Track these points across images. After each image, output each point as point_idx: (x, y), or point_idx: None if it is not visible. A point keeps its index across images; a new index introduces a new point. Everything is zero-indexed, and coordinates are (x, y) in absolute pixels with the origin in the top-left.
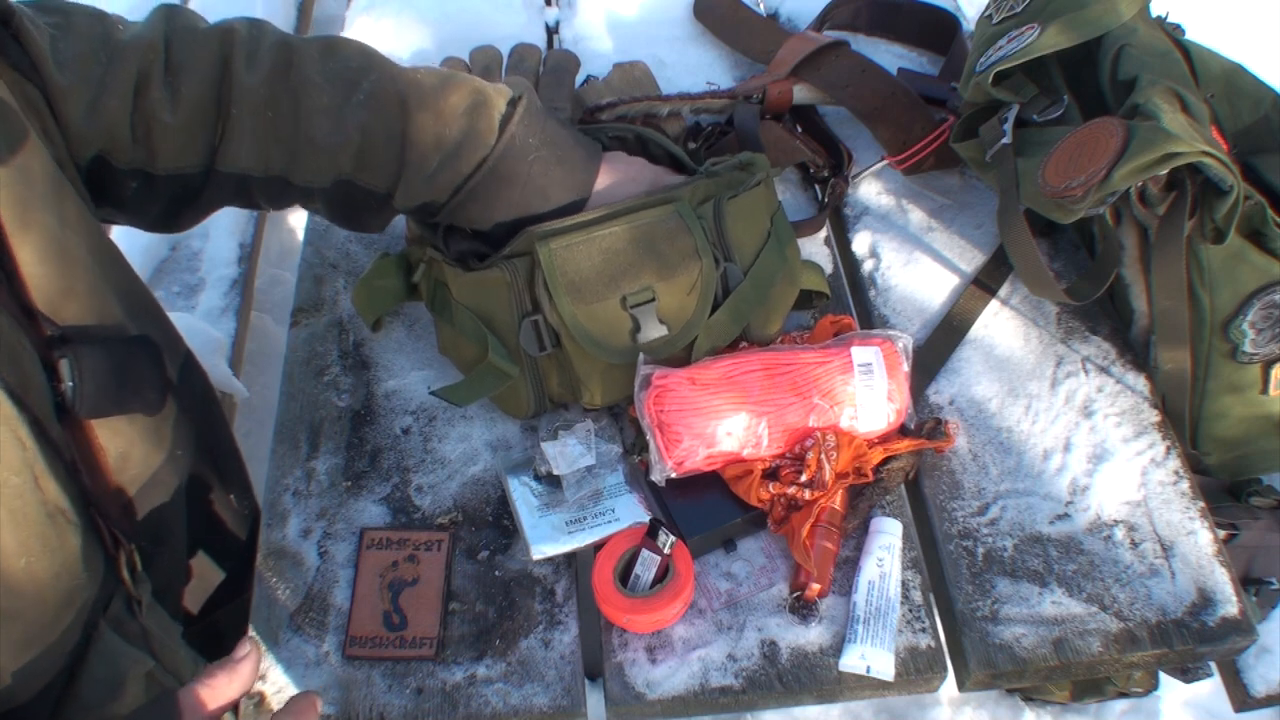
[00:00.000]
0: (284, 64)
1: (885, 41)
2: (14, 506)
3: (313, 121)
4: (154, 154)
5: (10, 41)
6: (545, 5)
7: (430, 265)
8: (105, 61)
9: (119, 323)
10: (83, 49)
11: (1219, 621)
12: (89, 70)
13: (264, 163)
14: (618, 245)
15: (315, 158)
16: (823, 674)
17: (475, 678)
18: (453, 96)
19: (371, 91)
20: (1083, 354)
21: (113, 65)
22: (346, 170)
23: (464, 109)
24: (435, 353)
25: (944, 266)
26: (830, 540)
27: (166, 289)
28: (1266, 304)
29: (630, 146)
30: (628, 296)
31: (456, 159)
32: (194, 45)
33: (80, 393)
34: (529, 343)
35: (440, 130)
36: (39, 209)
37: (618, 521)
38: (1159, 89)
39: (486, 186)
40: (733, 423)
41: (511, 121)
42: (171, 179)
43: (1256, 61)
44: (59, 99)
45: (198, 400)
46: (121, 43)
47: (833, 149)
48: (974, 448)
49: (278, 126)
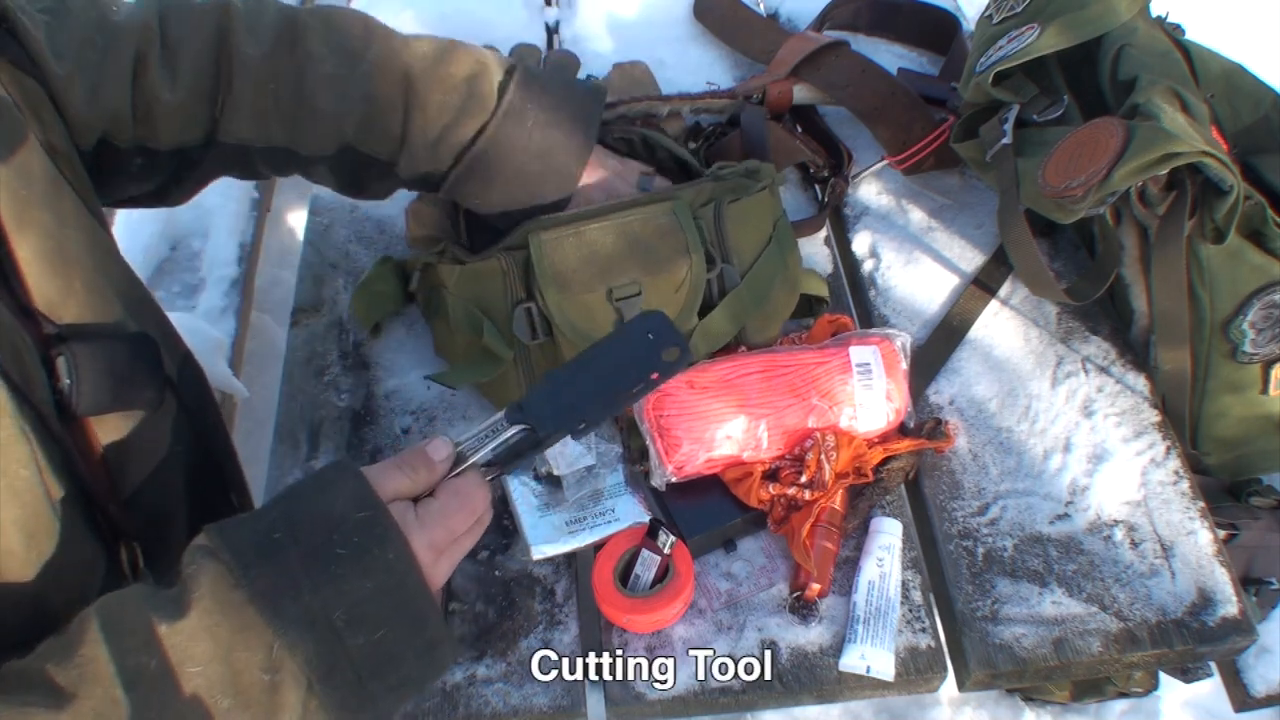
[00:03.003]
0: (288, 36)
1: (885, 41)
2: (24, 500)
3: (317, 92)
4: (156, 131)
5: (5, 37)
6: (545, 5)
7: (425, 271)
8: (102, 46)
9: (118, 320)
10: (78, 35)
11: (1219, 621)
12: (86, 56)
13: (265, 133)
14: (608, 239)
15: (320, 126)
16: (823, 674)
17: (475, 678)
18: (454, 65)
19: (375, 61)
20: (1083, 354)
21: (109, 49)
22: (350, 138)
23: (464, 77)
24: (435, 353)
25: (944, 266)
26: (830, 540)
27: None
28: (1266, 304)
29: (636, 150)
30: (614, 289)
31: (457, 126)
32: (190, 21)
33: (78, 390)
34: (521, 329)
35: (442, 99)
36: (37, 207)
37: (617, 521)
38: (1159, 89)
39: (486, 153)
40: (732, 426)
41: (509, 90)
42: (174, 153)
43: (1256, 61)
44: (60, 89)
45: (196, 399)
46: (116, 24)
47: (833, 149)
48: (974, 448)
49: (280, 98)
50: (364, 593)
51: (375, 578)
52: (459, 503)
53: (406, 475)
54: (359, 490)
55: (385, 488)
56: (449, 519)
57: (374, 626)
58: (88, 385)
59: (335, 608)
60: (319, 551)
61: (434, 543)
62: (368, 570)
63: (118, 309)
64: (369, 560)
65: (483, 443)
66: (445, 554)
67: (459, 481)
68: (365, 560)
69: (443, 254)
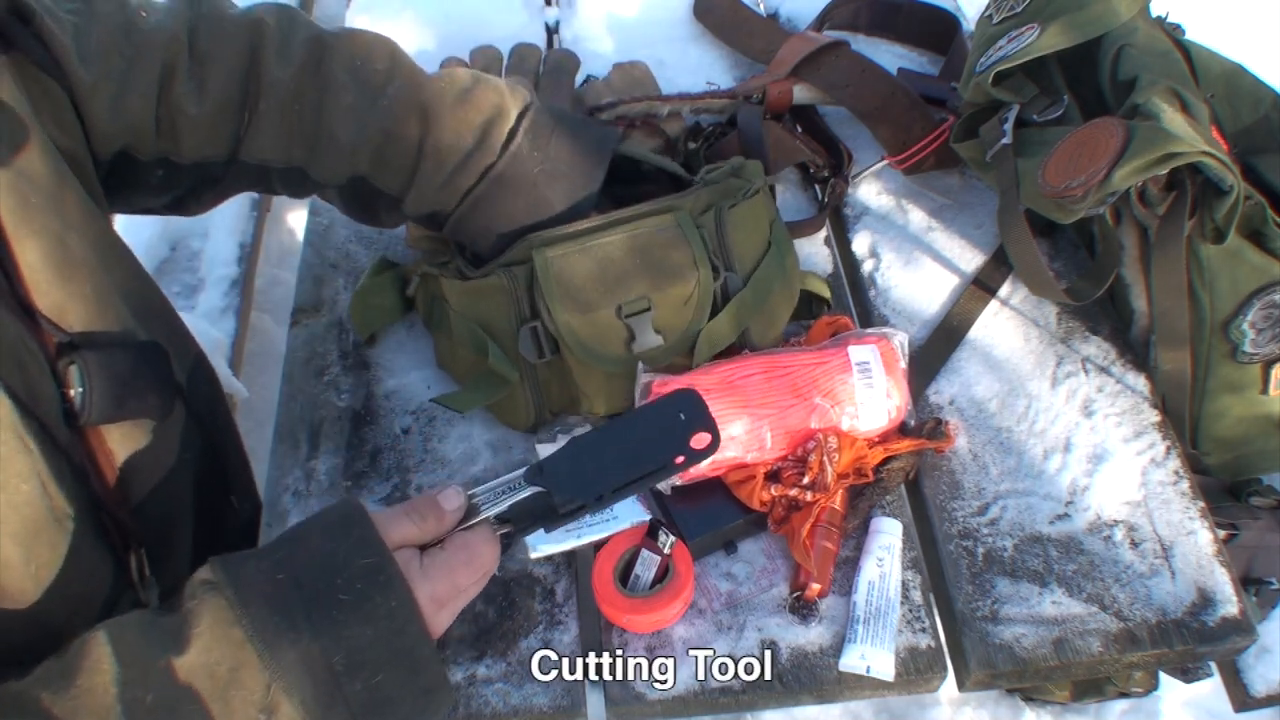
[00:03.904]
0: (315, 59)
1: (885, 41)
2: (25, 514)
3: (335, 119)
4: (179, 144)
5: (31, 39)
6: (545, 5)
7: (425, 280)
8: (129, 55)
9: (126, 326)
10: (105, 41)
11: (1219, 621)
12: (112, 64)
13: (286, 154)
14: (614, 254)
15: (335, 154)
16: (823, 674)
17: (475, 678)
18: (472, 109)
19: (395, 97)
20: (1083, 354)
21: (136, 59)
22: (363, 170)
23: (480, 123)
24: (436, 364)
25: (944, 266)
26: (830, 540)
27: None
28: (1266, 304)
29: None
30: (623, 306)
31: (465, 169)
32: (222, 35)
33: (89, 400)
34: (527, 349)
35: (455, 143)
36: (41, 211)
37: (617, 522)
38: (1159, 89)
39: (490, 193)
40: (735, 427)
41: (518, 134)
42: (195, 167)
43: (1256, 61)
44: (84, 96)
45: (206, 403)
46: (144, 33)
47: (833, 149)
48: (974, 448)
49: (302, 120)
50: (364, 639)
51: (376, 625)
52: (466, 556)
53: (415, 523)
54: (365, 536)
55: (393, 535)
56: (454, 572)
57: (372, 672)
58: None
59: (335, 653)
60: (321, 596)
61: (436, 595)
62: (369, 617)
63: (125, 315)
64: (370, 608)
65: (497, 498)
66: (447, 606)
67: (469, 535)
68: (367, 608)
69: (445, 265)
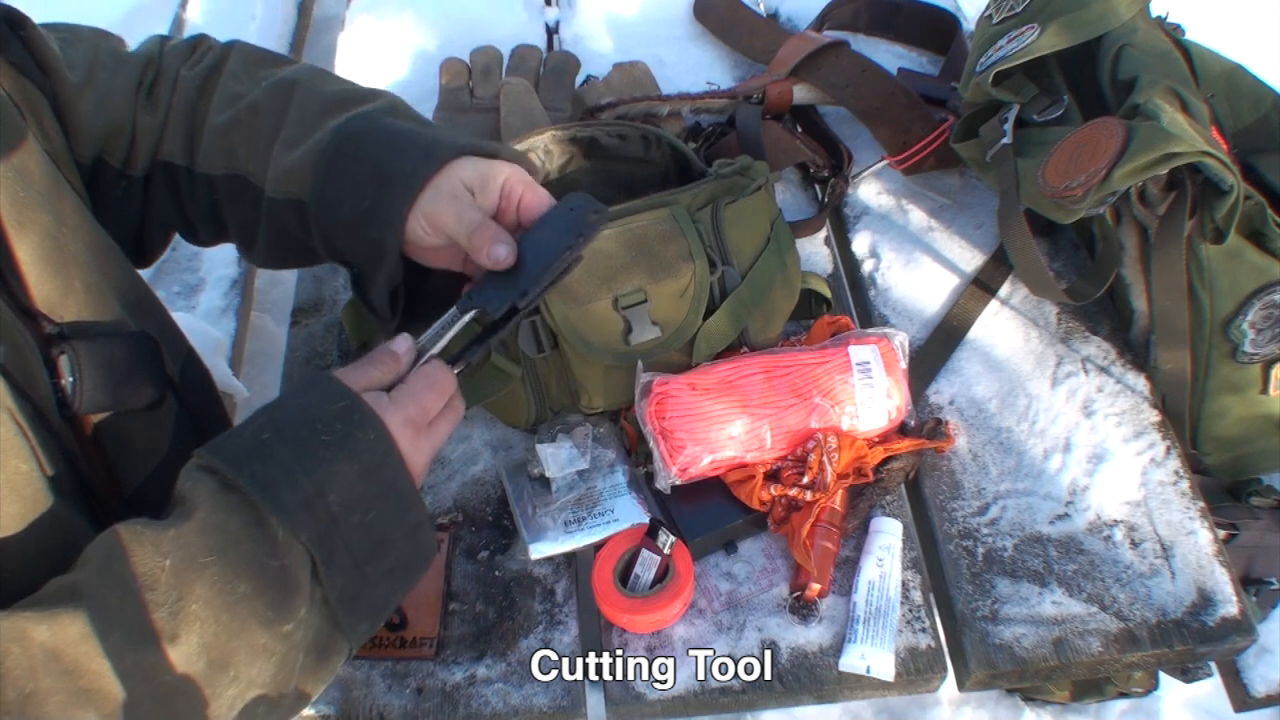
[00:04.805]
0: (220, 60)
1: (885, 41)
2: (24, 495)
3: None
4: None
5: (16, 43)
6: (545, 5)
7: None
8: (111, 67)
9: (118, 320)
10: (90, 56)
11: (1219, 621)
12: (96, 75)
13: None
14: (610, 247)
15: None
16: (823, 674)
17: (475, 678)
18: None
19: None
20: (1083, 354)
21: (118, 70)
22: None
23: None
24: None
25: (944, 266)
26: (830, 540)
27: (166, 289)
28: (1266, 304)
29: (633, 144)
30: (619, 298)
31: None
32: (173, 56)
33: (80, 388)
34: (527, 343)
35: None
36: (36, 208)
37: (617, 522)
38: (1159, 89)
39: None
40: (735, 427)
41: None
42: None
43: (1256, 61)
44: (70, 97)
45: (199, 397)
46: (124, 54)
47: (833, 149)
48: (974, 448)
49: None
50: (351, 475)
51: (359, 460)
52: (427, 383)
53: (376, 368)
54: (334, 386)
55: (358, 381)
56: (420, 397)
57: (364, 510)
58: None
59: (329, 491)
60: (306, 443)
61: (409, 419)
62: (352, 453)
63: (117, 309)
64: (352, 444)
65: (440, 334)
66: (423, 434)
67: (426, 367)
68: (349, 444)
69: None
